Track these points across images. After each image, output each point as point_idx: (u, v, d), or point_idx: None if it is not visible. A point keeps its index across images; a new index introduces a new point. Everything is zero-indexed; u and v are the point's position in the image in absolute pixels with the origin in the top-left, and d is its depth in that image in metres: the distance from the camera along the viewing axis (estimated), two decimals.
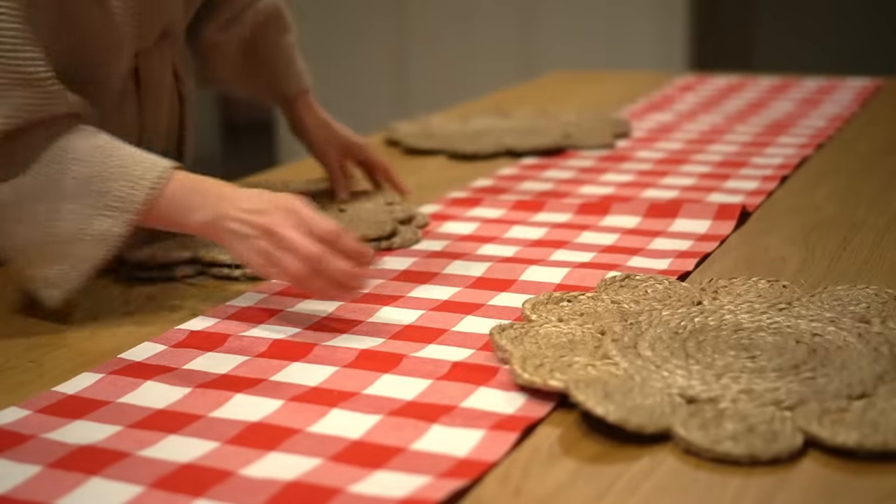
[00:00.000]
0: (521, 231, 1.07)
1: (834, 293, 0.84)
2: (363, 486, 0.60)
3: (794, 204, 1.14)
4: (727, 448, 0.62)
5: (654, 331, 0.78)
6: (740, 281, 0.88)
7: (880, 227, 1.05)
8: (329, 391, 0.72)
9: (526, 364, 0.72)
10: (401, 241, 1.03)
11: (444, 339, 0.81)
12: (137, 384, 0.74)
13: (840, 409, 0.66)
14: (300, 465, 0.63)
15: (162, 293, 0.93)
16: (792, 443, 0.63)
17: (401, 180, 1.19)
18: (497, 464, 0.63)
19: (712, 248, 1.00)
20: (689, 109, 1.66)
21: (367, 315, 0.86)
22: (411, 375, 0.74)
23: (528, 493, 0.60)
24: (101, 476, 0.62)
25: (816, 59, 3.07)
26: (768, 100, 1.73)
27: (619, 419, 0.65)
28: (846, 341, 0.75)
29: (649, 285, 0.88)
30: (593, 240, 1.04)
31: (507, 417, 0.68)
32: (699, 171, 1.29)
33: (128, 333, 0.84)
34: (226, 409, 0.70)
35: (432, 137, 1.49)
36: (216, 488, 0.60)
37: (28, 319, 0.87)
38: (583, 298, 0.85)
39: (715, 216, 1.08)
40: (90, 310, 0.89)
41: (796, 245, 1.01)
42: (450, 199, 1.20)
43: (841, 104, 1.67)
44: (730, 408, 0.66)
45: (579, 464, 0.63)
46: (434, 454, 0.63)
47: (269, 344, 0.81)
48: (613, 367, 0.72)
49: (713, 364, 0.72)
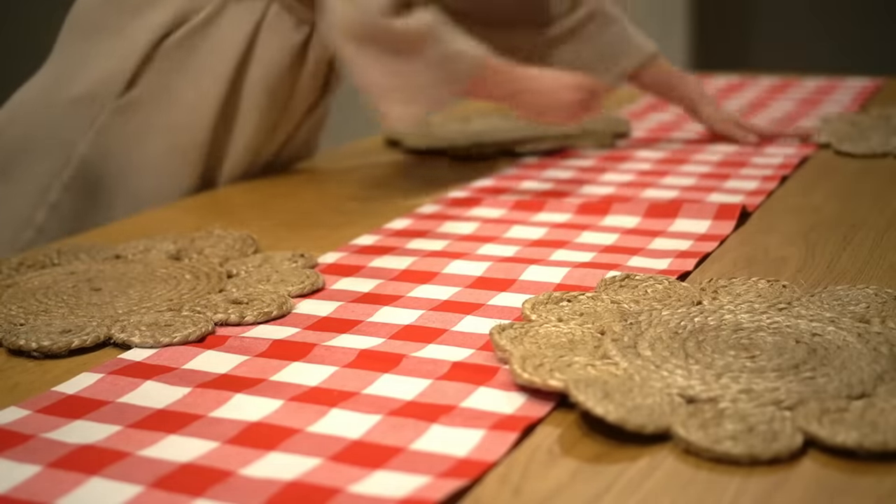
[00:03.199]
0: (521, 231, 1.07)
1: (834, 293, 0.84)
2: (363, 486, 0.60)
3: (794, 204, 1.14)
4: (727, 448, 0.62)
5: (653, 331, 0.78)
6: (740, 281, 0.88)
7: (880, 227, 1.05)
8: (329, 391, 0.72)
9: (525, 364, 0.72)
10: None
11: (443, 339, 0.81)
12: (137, 384, 0.74)
13: (840, 408, 0.66)
14: (300, 465, 0.63)
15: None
16: (791, 442, 0.63)
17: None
18: (497, 464, 0.63)
19: (712, 248, 1.00)
20: None
21: (367, 315, 0.86)
22: (411, 375, 0.74)
23: (528, 493, 0.60)
24: (101, 476, 0.62)
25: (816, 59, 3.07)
26: (768, 100, 1.73)
27: (619, 419, 0.65)
28: (846, 341, 0.75)
29: (649, 285, 0.88)
30: (593, 240, 1.04)
31: (506, 417, 0.68)
32: (699, 171, 1.29)
33: None
34: (226, 409, 0.70)
35: (432, 137, 1.49)
36: (216, 488, 0.60)
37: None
38: (583, 298, 0.85)
39: (715, 216, 1.08)
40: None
41: (796, 245, 1.01)
42: (450, 199, 1.20)
43: (841, 104, 1.67)
44: (729, 408, 0.66)
45: (579, 464, 0.63)
46: (434, 454, 0.63)
47: (269, 344, 0.81)
48: (613, 367, 0.72)
49: (713, 364, 0.72)
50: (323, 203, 1.23)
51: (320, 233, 1.11)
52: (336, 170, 1.40)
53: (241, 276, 0.96)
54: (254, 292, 0.90)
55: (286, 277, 0.94)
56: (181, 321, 0.84)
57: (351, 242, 1.06)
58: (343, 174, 1.37)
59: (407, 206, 1.18)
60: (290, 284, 0.92)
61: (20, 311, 0.88)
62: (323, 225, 1.14)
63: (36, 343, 0.80)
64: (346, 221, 1.15)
